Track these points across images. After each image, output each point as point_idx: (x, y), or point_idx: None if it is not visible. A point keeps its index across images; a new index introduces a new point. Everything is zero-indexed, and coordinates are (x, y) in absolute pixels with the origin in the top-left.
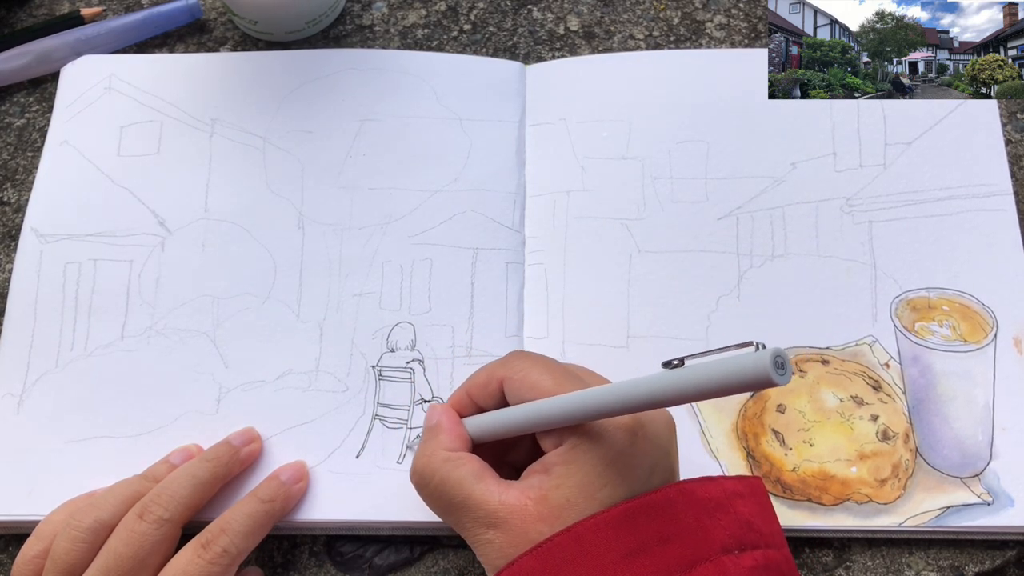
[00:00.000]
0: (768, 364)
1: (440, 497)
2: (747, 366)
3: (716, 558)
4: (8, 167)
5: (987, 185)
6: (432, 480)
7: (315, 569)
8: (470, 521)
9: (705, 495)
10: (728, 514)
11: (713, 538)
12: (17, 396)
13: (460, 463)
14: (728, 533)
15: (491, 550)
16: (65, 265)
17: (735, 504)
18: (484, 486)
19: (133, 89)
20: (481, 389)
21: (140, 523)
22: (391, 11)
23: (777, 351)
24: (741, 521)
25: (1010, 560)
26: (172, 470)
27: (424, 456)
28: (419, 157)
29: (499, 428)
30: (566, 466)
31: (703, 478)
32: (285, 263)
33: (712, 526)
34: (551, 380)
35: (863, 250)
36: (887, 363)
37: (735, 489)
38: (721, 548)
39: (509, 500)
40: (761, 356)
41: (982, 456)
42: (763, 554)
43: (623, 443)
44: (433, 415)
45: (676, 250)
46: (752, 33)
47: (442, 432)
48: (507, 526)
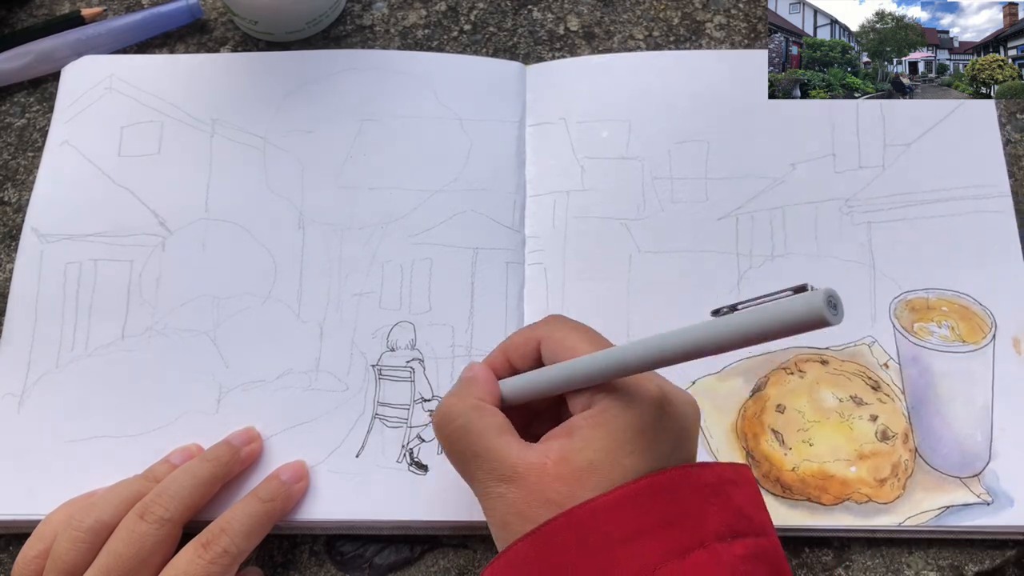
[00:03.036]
0: (822, 303)
1: (459, 441)
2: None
3: (710, 544)
4: (8, 167)
5: (986, 186)
6: (455, 422)
7: (315, 569)
8: (484, 473)
9: (705, 480)
10: (722, 500)
11: (708, 524)
12: (17, 396)
13: (486, 413)
14: (721, 520)
15: (502, 504)
16: (66, 265)
17: (728, 491)
18: (505, 440)
19: (133, 89)
20: (518, 349)
21: (141, 523)
22: (391, 11)
23: (830, 291)
24: (734, 508)
25: (1010, 560)
26: (172, 470)
27: (453, 398)
28: (419, 157)
29: (533, 387)
30: (592, 429)
31: (699, 463)
32: (285, 263)
33: (708, 512)
34: (588, 344)
35: (862, 251)
36: (886, 363)
37: (728, 476)
38: (715, 535)
39: (529, 457)
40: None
41: (981, 456)
42: (754, 542)
43: (651, 414)
44: (470, 369)
45: (676, 250)
46: (752, 33)
47: (476, 384)
48: (523, 482)
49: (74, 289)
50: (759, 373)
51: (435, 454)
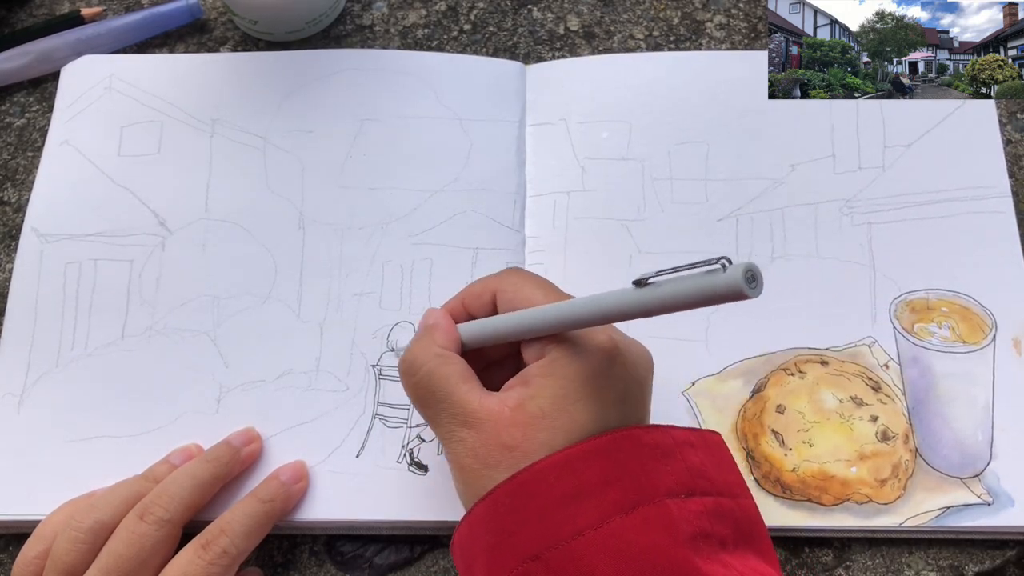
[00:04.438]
0: (740, 277)
1: (424, 388)
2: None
3: (660, 500)
4: (8, 167)
5: (985, 187)
6: (420, 370)
7: (315, 569)
8: (447, 417)
9: (651, 441)
10: (676, 461)
11: (657, 482)
12: (17, 396)
13: (450, 361)
14: (675, 479)
15: (462, 448)
16: (65, 265)
17: (684, 452)
18: (467, 387)
19: (133, 89)
20: (476, 299)
21: (140, 524)
22: (391, 11)
23: (749, 265)
24: (689, 468)
25: (1010, 560)
26: (172, 470)
27: (418, 347)
28: (419, 157)
29: (489, 334)
30: (544, 378)
31: (652, 425)
32: (285, 263)
33: (657, 470)
34: (543, 296)
35: (862, 251)
36: (886, 364)
37: (686, 439)
38: (666, 492)
39: (488, 404)
40: (734, 270)
41: (982, 456)
42: (714, 501)
43: (600, 364)
44: (431, 316)
45: (676, 251)
46: (752, 33)
47: (438, 331)
48: (482, 427)
49: (74, 289)
50: (759, 374)
51: (435, 454)
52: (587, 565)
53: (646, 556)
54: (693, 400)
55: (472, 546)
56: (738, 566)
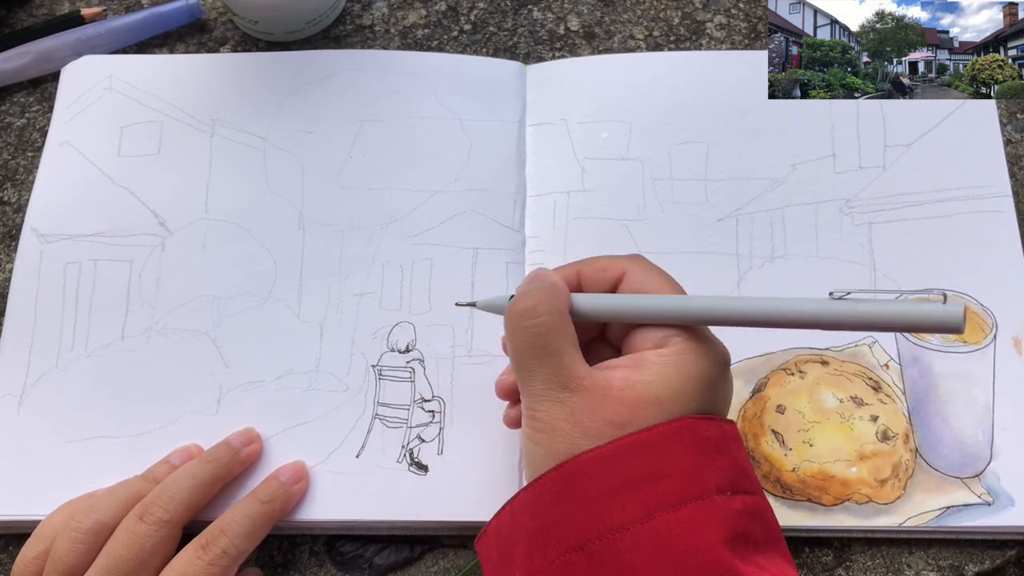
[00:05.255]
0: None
1: (537, 335)
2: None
3: (709, 497)
4: (8, 167)
5: (986, 187)
6: (540, 317)
7: (315, 569)
8: (549, 376)
9: (705, 433)
10: (726, 456)
11: (709, 477)
12: (17, 396)
13: (569, 322)
14: (724, 475)
15: (560, 410)
16: (65, 265)
17: (731, 447)
18: (577, 352)
19: (133, 89)
20: (598, 272)
21: (140, 524)
22: (391, 11)
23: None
24: (736, 464)
25: (1010, 560)
26: (172, 471)
27: (541, 296)
28: (419, 157)
29: (614, 309)
30: (664, 367)
31: (702, 416)
32: (285, 263)
33: (709, 465)
34: (670, 287)
35: (863, 251)
36: (887, 364)
37: (731, 433)
38: (716, 488)
39: (596, 376)
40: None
41: (982, 456)
42: (754, 500)
43: (720, 370)
44: (550, 275)
45: (676, 251)
46: (752, 33)
47: (562, 291)
48: (587, 395)
49: (74, 289)
50: (759, 374)
51: (435, 454)
52: (629, 561)
53: (688, 556)
54: None
55: (513, 533)
56: (770, 568)
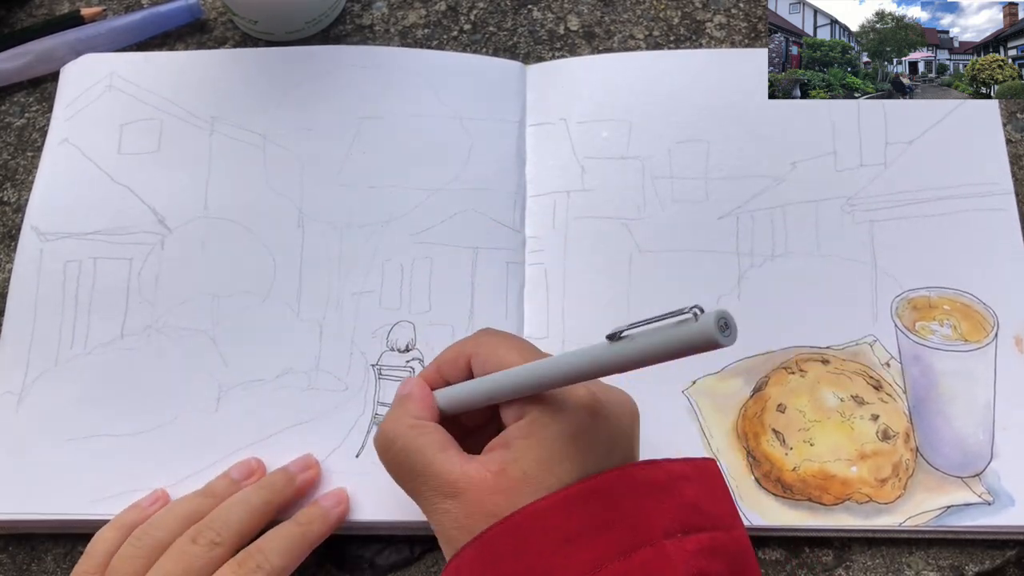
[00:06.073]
0: (712, 326)
1: (402, 463)
2: (692, 330)
3: (657, 542)
4: (8, 167)
5: (988, 185)
6: (395, 445)
7: (315, 569)
8: (429, 490)
9: (647, 478)
10: (672, 497)
11: (654, 523)
12: (17, 394)
13: (425, 431)
14: (671, 517)
15: (447, 520)
16: (65, 263)
17: (680, 487)
18: (446, 456)
19: (133, 87)
20: (450, 365)
21: (192, 546)
22: (391, 11)
23: (721, 312)
24: (686, 504)
25: (1010, 560)
26: (231, 484)
27: (391, 421)
28: (419, 156)
29: (464, 398)
30: (525, 440)
31: (646, 461)
32: (285, 261)
33: (653, 510)
34: (518, 356)
35: (864, 249)
36: (888, 362)
37: (682, 471)
38: (663, 532)
39: (470, 472)
40: (706, 319)
41: (983, 455)
42: (709, 536)
43: (582, 421)
44: (405, 386)
45: (676, 250)
46: (752, 33)
47: (411, 401)
48: (465, 497)
49: (73, 287)
50: (759, 373)
51: None
52: None
53: None
54: (694, 399)
55: None
56: None
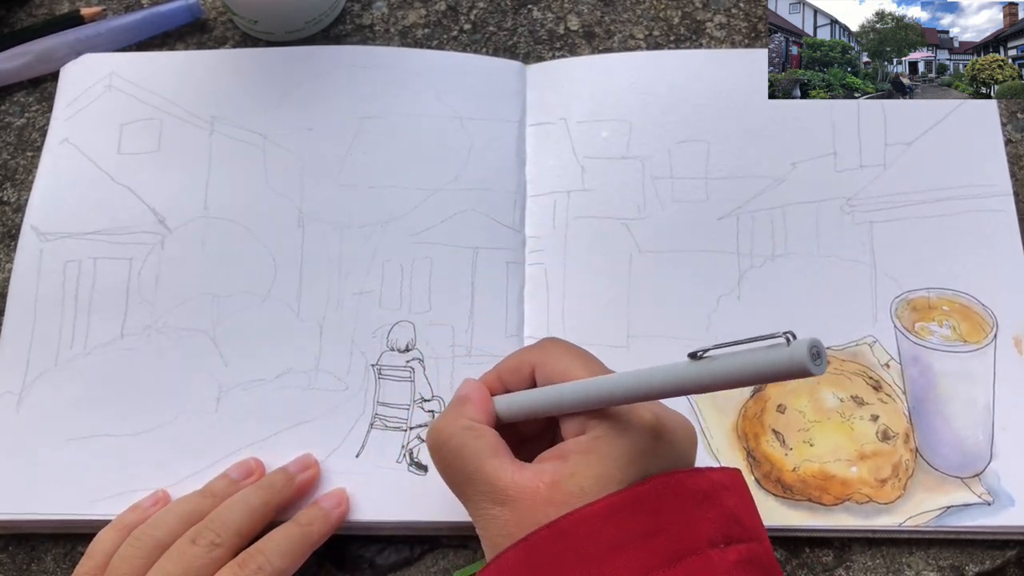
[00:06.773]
0: (805, 354)
1: (453, 464)
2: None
3: (703, 552)
4: (8, 167)
5: (987, 185)
6: (448, 444)
7: (315, 569)
8: (478, 494)
9: (692, 486)
10: (715, 507)
11: (700, 532)
12: (17, 394)
13: (480, 434)
14: (715, 526)
15: (495, 526)
16: (65, 263)
17: (722, 496)
18: (498, 461)
19: (133, 87)
20: (512, 373)
21: (192, 547)
22: (391, 11)
23: (814, 341)
24: (728, 514)
25: (1010, 560)
26: (230, 484)
27: (446, 420)
28: (419, 155)
29: (526, 407)
30: (585, 456)
31: (691, 469)
32: (285, 261)
33: (700, 519)
34: (583, 368)
35: (863, 250)
36: (887, 363)
37: (722, 481)
38: (708, 542)
39: (521, 480)
40: (798, 345)
41: (982, 456)
42: (747, 548)
43: (646, 443)
44: (464, 387)
45: (676, 250)
46: (752, 33)
47: (469, 403)
48: (515, 505)
49: (73, 287)
50: None
51: None
52: None
53: None
54: (694, 399)
55: None
56: None
